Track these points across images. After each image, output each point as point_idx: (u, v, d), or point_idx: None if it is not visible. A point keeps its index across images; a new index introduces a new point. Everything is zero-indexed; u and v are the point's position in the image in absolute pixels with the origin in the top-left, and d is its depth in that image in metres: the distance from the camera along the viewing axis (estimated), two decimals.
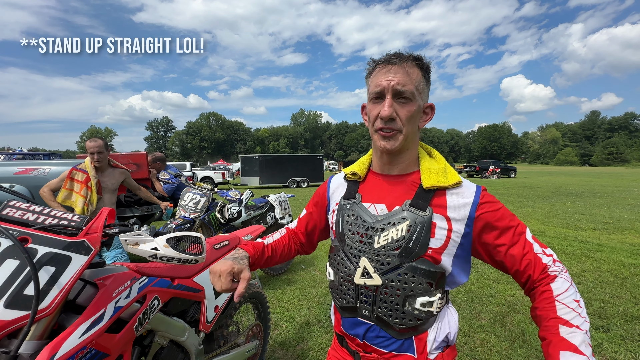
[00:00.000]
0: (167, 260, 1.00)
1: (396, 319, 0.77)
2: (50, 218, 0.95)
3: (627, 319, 2.78)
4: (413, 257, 0.75)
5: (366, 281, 0.79)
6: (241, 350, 1.76)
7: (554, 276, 0.72)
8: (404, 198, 0.80)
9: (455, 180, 0.78)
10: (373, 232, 0.79)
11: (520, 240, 0.75)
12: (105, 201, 2.92)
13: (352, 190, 0.90)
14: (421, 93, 0.78)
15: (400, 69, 0.75)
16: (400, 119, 0.76)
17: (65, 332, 0.83)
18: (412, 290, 0.76)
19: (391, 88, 0.75)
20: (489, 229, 0.76)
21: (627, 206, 9.33)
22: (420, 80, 0.77)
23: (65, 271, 0.85)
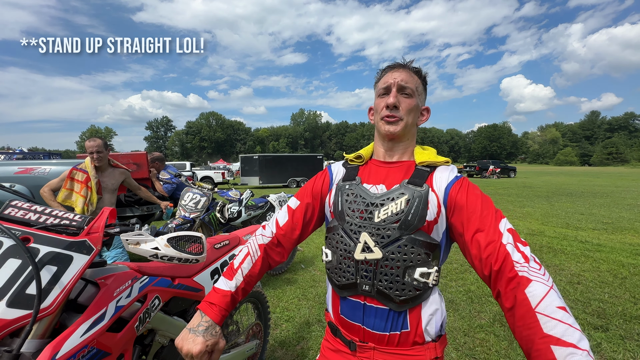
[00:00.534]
0: (168, 259, 1.00)
1: (396, 290, 0.81)
2: (52, 218, 0.95)
3: (626, 319, 2.78)
4: (412, 229, 0.80)
5: (367, 256, 0.83)
6: (241, 350, 1.77)
7: (527, 279, 0.64)
8: (402, 178, 0.87)
9: (444, 159, 0.89)
10: (373, 208, 0.84)
11: (489, 227, 0.73)
12: (105, 201, 2.92)
13: (351, 173, 0.95)
14: (420, 95, 0.91)
15: (404, 71, 0.90)
16: (402, 109, 0.88)
17: (67, 331, 0.83)
18: (412, 261, 0.80)
19: (396, 83, 0.88)
20: (459, 209, 0.80)
21: (627, 206, 9.34)
22: (419, 84, 0.91)
23: (66, 270, 0.86)
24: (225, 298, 0.88)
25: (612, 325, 2.69)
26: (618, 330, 2.60)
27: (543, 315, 0.59)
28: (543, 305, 0.60)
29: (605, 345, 2.40)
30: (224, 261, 1.70)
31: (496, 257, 0.69)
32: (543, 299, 0.61)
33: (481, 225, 0.74)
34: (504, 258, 0.68)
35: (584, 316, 2.85)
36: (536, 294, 0.62)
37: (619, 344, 2.42)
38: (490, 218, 0.75)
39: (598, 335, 2.53)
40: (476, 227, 0.75)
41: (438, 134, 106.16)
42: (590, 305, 3.07)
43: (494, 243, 0.70)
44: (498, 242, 0.70)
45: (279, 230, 0.97)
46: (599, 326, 2.68)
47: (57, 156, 11.05)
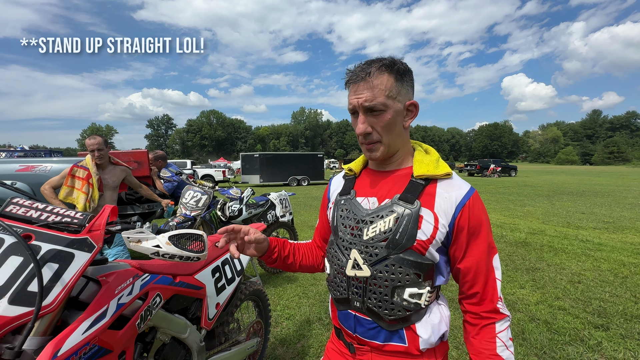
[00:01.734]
0: (169, 257, 1.00)
1: (385, 310, 0.80)
2: (53, 215, 0.95)
3: (626, 318, 2.78)
4: (400, 248, 0.77)
5: (356, 272, 0.82)
6: (242, 348, 1.78)
7: (503, 315, 0.79)
8: (395, 191, 0.82)
9: (445, 171, 0.80)
10: (363, 225, 0.82)
11: (485, 257, 0.79)
12: (106, 198, 2.93)
13: (347, 187, 0.94)
14: (396, 97, 0.78)
15: (366, 85, 0.76)
16: (376, 131, 0.80)
17: (68, 329, 0.83)
18: (400, 281, 0.78)
19: (361, 106, 0.78)
20: (465, 232, 0.78)
21: (628, 205, 9.32)
22: (392, 85, 0.77)
23: (68, 268, 0.86)
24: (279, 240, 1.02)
25: (612, 324, 2.69)
26: (619, 330, 2.60)
27: (500, 341, 0.77)
28: (502, 334, 0.78)
29: (606, 344, 2.40)
30: (225, 259, 1.70)
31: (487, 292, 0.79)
32: (504, 331, 0.79)
33: (480, 253, 0.79)
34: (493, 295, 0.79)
35: (585, 315, 2.85)
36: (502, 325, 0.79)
37: (619, 343, 2.42)
38: (488, 248, 0.79)
39: (599, 334, 2.53)
40: (475, 254, 0.79)
41: (439, 132, 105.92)
42: (591, 304, 3.07)
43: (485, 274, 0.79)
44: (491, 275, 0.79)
45: (316, 240, 1.12)
46: (599, 325, 2.68)
47: (58, 154, 11.08)
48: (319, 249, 1.10)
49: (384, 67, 0.77)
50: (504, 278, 3.72)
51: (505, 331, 0.78)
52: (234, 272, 1.74)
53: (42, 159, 3.89)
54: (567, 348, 2.36)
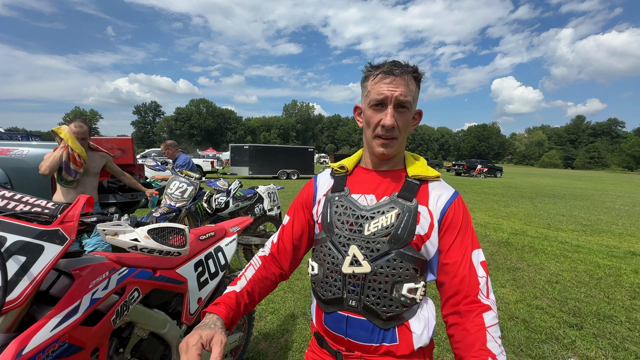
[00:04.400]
0: (148, 252, 0.96)
1: (384, 306, 0.80)
2: (21, 204, 0.89)
3: (599, 318, 2.89)
4: (401, 243, 0.79)
5: (355, 269, 0.81)
6: None
7: (487, 306, 0.75)
8: (392, 190, 0.85)
9: (435, 173, 0.87)
10: (363, 220, 0.82)
11: (466, 253, 0.79)
12: (87, 185, 2.81)
13: (339, 184, 0.92)
14: (413, 102, 0.82)
15: (402, 81, 0.78)
16: (398, 128, 0.82)
17: (35, 325, 0.79)
18: (400, 276, 0.79)
19: (394, 99, 0.79)
20: (450, 228, 0.81)
21: (605, 209, 9.68)
22: (416, 90, 0.82)
23: (36, 261, 0.81)
24: (229, 297, 0.83)
25: (586, 323, 2.79)
26: (592, 329, 2.70)
27: (490, 335, 0.72)
28: (493, 329, 0.73)
29: (579, 343, 2.49)
30: (209, 253, 1.66)
31: (466, 285, 0.77)
32: (494, 325, 0.74)
33: (462, 249, 0.80)
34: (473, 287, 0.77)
35: (561, 314, 2.95)
36: (491, 320, 0.74)
37: (592, 341, 2.52)
38: (470, 245, 0.81)
39: (573, 333, 2.62)
40: (457, 250, 0.80)
41: (429, 131, 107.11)
42: (567, 304, 3.17)
43: (466, 269, 0.78)
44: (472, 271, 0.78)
45: (273, 247, 0.99)
46: (574, 324, 2.77)
47: (36, 137, 10.59)
48: (272, 262, 0.97)
49: (412, 73, 0.81)
50: None
51: (495, 327, 0.73)
52: (218, 266, 1.70)
53: (18, 143, 3.70)
54: (542, 346, 2.44)
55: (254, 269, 0.94)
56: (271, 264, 0.97)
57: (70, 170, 2.66)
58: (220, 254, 1.76)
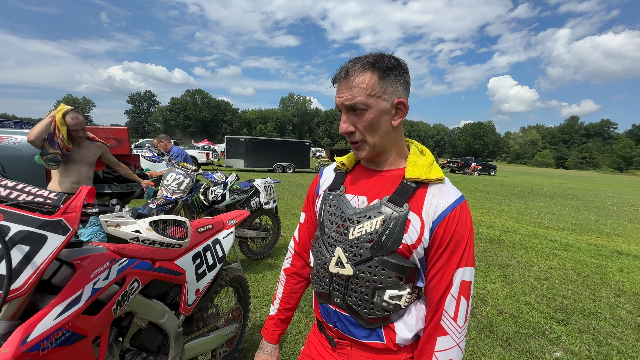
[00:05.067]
0: (149, 243, 0.97)
1: (365, 309, 0.80)
2: (24, 194, 0.89)
3: (584, 314, 2.99)
4: (385, 251, 0.76)
5: (339, 270, 0.82)
6: (220, 333, 1.78)
7: (444, 331, 0.76)
8: (385, 192, 0.81)
9: (437, 175, 0.78)
10: (349, 224, 0.81)
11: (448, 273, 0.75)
12: (82, 175, 2.79)
13: (337, 181, 0.91)
14: (380, 95, 0.74)
15: (346, 84, 0.76)
16: (359, 131, 0.79)
17: (39, 313, 0.80)
18: (382, 283, 0.78)
19: (342, 105, 0.78)
20: (439, 243, 0.75)
21: (595, 209, 9.89)
22: (375, 83, 0.74)
23: (40, 251, 0.81)
24: (272, 320, 1.05)
25: (572, 319, 2.88)
26: (577, 325, 2.80)
27: (436, 358, 0.76)
28: (442, 354, 0.76)
29: (565, 338, 2.58)
30: (207, 245, 1.67)
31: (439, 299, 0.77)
32: (445, 350, 0.76)
33: (449, 267, 0.75)
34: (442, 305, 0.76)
35: (548, 310, 3.03)
36: (444, 345, 0.76)
37: (576, 337, 2.61)
38: (458, 261, 0.75)
39: (559, 329, 2.71)
40: (444, 265, 0.76)
41: (425, 128, 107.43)
42: (554, 300, 3.27)
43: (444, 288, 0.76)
44: (447, 290, 0.76)
45: (297, 246, 1.06)
46: (560, 320, 2.86)
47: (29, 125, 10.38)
48: (297, 261, 1.05)
49: (367, 64, 0.74)
50: (477, 273, 3.89)
51: (445, 351, 0.75)
52: (216, 258, 1.72)
53: (12, 130, 3.64)
54: (530, 341, 2.52)
55: (282, 285, 1.07)
56: (296, 267, 1.06)
57: (53, 143, 2.57)
58: (218, 246, 1.77)
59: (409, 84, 0.80)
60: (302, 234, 1.04)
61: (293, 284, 1.05)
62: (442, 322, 0.76)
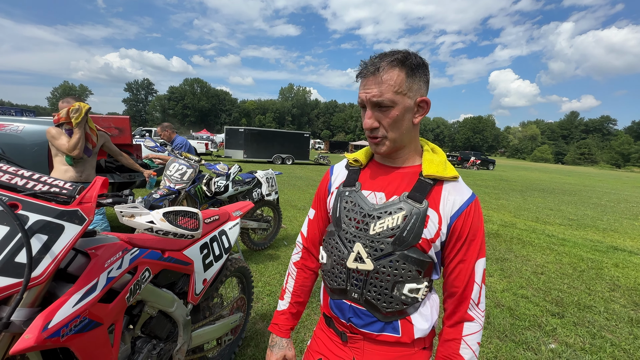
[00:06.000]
0: (163, 234, 0.99)
1: (384, 302, 0.82)
2: (40, 184, 0.90)
3: (580, 308, 3.06)
4: (406, 245, 0.79)
5: (358, 265, 0.83)
6: (225, 322, 1.81)
7: (470, 317, 0.81)
8: (403, 189, 0.83)
9: (452, 174, 0.82)
10: (369, 219, 0.82)
11: (469, 263, 0.81)
12: (86, 164, 2.79)
13: (352, 178, 0.92)
14: (406, 93, 0.76)
15: (375, 80, 0.76)
16: (383, 127, 0.79)
17: (59, 301, 0.82)
18: (402, 277, 0.80)
19: (368, 101, 0.78)
20: (458, 236, 0.80)
21: (592, 205, 9.98)
22: (402, 81, 0.75)
23: (58, 240, 0.83)
24: (284, 315, 1.04)
25: (567, 313, 2.95)
26: (572, 318, 2.86)
27: (465, 343, 0.81)
28: (470, 337, 0.81)
29: (560, 331, 2.64)
30: (214, 236, 1.69)
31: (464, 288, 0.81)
32: (472, 334, 0.81)
33: (468, 258, 0.81)
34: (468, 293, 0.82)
35: (544, 304, 3.10)
36: (470, 329, 0.82)
37: (571, 329, 2.67)
38: (476, 253, 0.81)
39: (554, 321, 2.78)
40: (463, 258, 0.81)
41: (425, 121, 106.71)
42: (550, 294, 3.33)
43: (467, 278, 0.81)
44: (472, 279, 0.81)
45: (305, 242, 1.07)
46: (556, 313, 2.93)
47: (30, 113, 10.29)
48: (308, 257, 1.06)
49: (396, 62, 0.75)
50: None
51: (472, 335, 0.80)
52: (222, 249, 1.74)
53: (13, 118, 3.60)
54: (526, 332, 2.58)
55: (293, 279, 1.07)
56: (307, 260, 1.07)
57: (87, 150, 2.71)
58: (225, 237, 1.80)
59: (429, 82, 0.82)
60: (312, 230, 1.05)
61: (304, 277, 1.06)
62: (469, 310, 0.81)
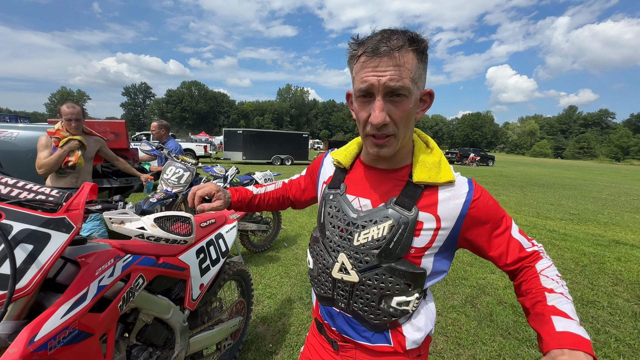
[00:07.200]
0: (154, 240, 0.96)
1: (371, 314, 0.77)
2: (25, 192, 0.87)
3: (583, 303, 3.03)
4: (393, 258, 0.72)
5: (343, 276, 0.78)
6: (225, 327, 1.79)
7: (537, 256, 0.75)
8: (390, 194, 0.74)
9: (447, 178, 0.71)
10: (354, 228, 0.75)
11: (504, 235, 0.74)
12: (81, 170, 2.76)
13: (337, 179, 0.85)
14: (417, 82, 0.64)
15: (391, 61, 0.60)
16: (394, 122, 0.65)
17: (46, 312, 0.79)
18: (389, 290, 0.74)
19: (382, 86, 0.61)
20: (476, 224, 0.73)
21: (592, 199, 9.95)
22: (417, 67, 0.62)
23: (44, 249, 0.80)
24: (246, 191, 1.08)
25: None
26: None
27: (543, 276, 0.71)
28: (546, 271, 0.72)
29: None
30: (210, 240, 1.67)
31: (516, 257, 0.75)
32: (547, 268, 0.73)
33: (498, 234, 0.75)
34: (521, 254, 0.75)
35: None
36: (542, 264, 0.74)
37: None
38: (503, 226, 0.75)
39: None
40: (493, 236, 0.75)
41: (424, 118, 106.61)
42: None
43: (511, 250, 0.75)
44: (515, 248, 0.75)
45: (284, 185, 1.14)
46: None
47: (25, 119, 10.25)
48: (289, 192, 1.12)
49: (411, 42, 0.61)
50: (477, 263, 3.92)
51: (548, 269, 0.72)
52: (219, 253, 1.71)
53: (7, 125, 3.57)
54: (529, 329, 2.55)
55: (275, 187, 1.13)
56: (288, 192, 1.12)
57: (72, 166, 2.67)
58: (221, 240, 1.77)
59: None
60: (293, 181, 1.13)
61: (279, 193, 1.12)
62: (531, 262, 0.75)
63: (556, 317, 0.62)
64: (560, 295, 0.66)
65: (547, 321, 0.62)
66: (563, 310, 0.63)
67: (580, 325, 0.61)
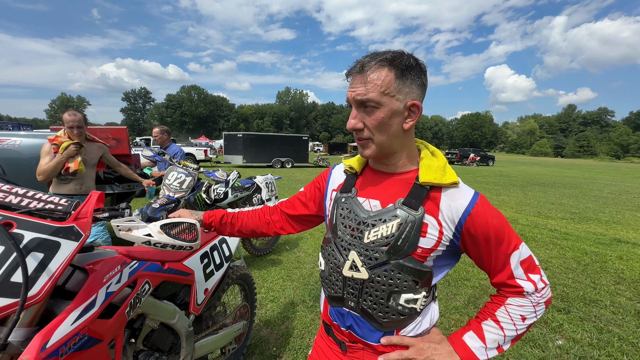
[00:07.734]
0: (161, 246, 0.98)
1: (380, 312, 0.80)
2: (35, 201, 0.89)
3: (585, 302, 3.04)
4: (401, 254, 0.76)
5: (354, 274, 0.81)
6: (229, 331, 1.80)
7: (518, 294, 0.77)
8: (398, 196, 0.80)
9: (452, 180, 0.76)
10: (364, 227, 0.80)
11: (500, 255, 0.76)
12: (84, 177, 2.79)
13: (349, 183, 0.90)
14: (395, 95, 0.72)
15: (361, 79, 0.73)
16: (367, 128, 0.76)
17: (57, 319, 0.81)
18: (397, 287, 0.77)
19: (353, 100, 0.75)
20: (473, 235, 0.75)
21: (593, 197, 9.95)
22: (391, 81, 0.71)
23: (54, 257, 0.82)
24: (218, 211, 1.13)
25: (573, 308, 2.93)
26: (578, 313, 2.84)
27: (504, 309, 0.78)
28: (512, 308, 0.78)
29: (567, 326, 2.62)
30: (214, 245, 1.68)
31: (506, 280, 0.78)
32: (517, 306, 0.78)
33: (497, 256, 0.76)
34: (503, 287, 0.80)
35: None
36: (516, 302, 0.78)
37: (578, 325, 2.65)
38: (503, 250, 0.75)
39: (560, 317, 2.75)
40: (492, 257, 0.77)
41: (423, 119, 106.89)
42: (555, 289, 3.31)
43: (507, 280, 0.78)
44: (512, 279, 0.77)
45: (281, 204, 1.13)
46: (561, 309, 2.91)
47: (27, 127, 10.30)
48: (274, 213, 1.11)
49: (385, 61, 0.72)
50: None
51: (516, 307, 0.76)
52: (223, 258, 1.73)
53: (10, 133, 3.60)
54: (532, 329, 2.56)
55: (251, 209, 1.15)
56: (272, 214, 1.11)
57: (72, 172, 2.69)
58: (225, 245, 1.79)
59: (425, 86, 0.78)
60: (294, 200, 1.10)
61: (258, 215, 1.12)
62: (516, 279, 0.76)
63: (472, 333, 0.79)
64: (498, 327, 0.77)
65: (470, 323, 0.82)
66: (484, 335, 0.78)
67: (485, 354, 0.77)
